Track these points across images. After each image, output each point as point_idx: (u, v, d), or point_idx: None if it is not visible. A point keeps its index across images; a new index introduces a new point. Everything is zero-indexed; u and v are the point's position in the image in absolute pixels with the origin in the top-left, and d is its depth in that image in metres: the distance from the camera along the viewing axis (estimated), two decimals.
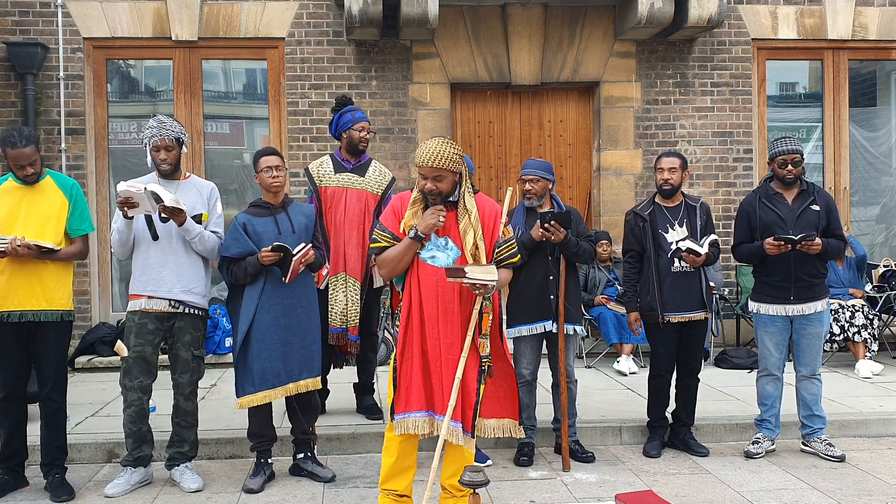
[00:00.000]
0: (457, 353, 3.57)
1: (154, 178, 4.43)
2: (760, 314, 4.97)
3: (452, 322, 3.59)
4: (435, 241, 3.63)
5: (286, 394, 4.40)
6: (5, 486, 4.34)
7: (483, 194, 3.81)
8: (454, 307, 3.59)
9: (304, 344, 4.41)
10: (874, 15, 8.32)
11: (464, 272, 3.43)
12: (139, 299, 4.39)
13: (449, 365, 3.57)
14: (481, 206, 3.70)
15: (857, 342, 6.97)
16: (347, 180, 5.27)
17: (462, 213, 3.64)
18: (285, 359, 4.37)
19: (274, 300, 4.36)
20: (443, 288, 3.58)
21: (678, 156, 5.00)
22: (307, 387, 4.44)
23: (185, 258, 4.39)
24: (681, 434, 5.11)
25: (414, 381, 3.60)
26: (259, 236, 4.37)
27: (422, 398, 3.59)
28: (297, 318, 4.40)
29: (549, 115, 8.33)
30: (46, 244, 4.18)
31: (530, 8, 7.94)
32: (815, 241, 4.69)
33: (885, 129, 8.80)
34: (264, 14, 7.78)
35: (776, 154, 4.83)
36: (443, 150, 3.51)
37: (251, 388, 4.36)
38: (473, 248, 3.60)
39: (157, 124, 4.37)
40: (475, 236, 3.61)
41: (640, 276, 5.04)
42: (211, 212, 4.51)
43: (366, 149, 5.40)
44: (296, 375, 4.40)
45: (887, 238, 8.86)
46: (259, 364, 4.34)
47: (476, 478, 3.40)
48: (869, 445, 5.25)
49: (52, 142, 7.61)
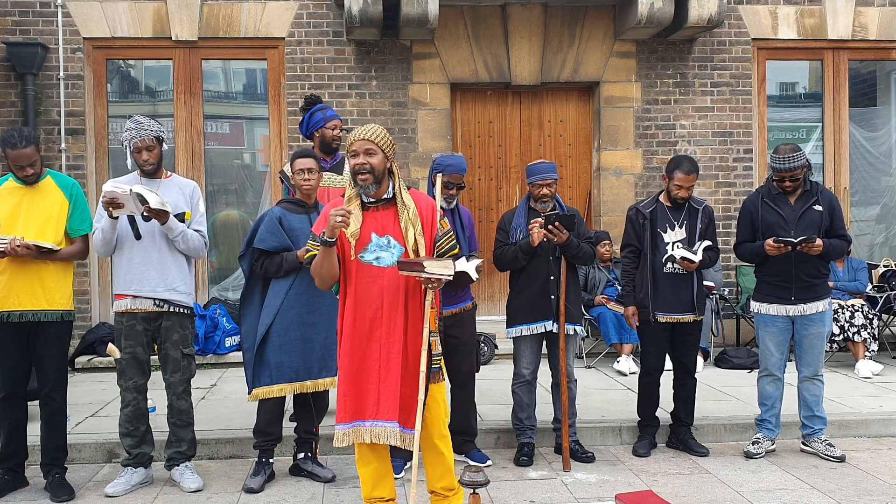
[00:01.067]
0: (399, 353, 3.50)
1: (136, 178, 4.42)
2: (762, 314, 4.96)
3: (396, 322, 3.52)
4: (377, 242, 3.56)
5: (302, 390, 4.41)
6: (5, 486, 4.33)
7: (416, 189, 3.78)
8: (398, 306, 3.53)
9: (325, 342, 4.41)
10: (874, 15, 8.32)
11: (422, 266, 3.36)
12: (124, 299, 4.38)
13: (392, 366, 3.50)
14: (417, 201, 3.65)
15: (857, 342, 6.97)
16: (328, 179, 5.29)
17: (401, 209, 3.58)
18: (305, 355, 4.38)
19: (301, 296, 4.37)
20: (388, 288, 3.52)
21: (696, 170, 4.93)
22: (324, 385, 4.45)
23: (169, 257, 4.39)
24: (680, 434, 5.11)
25: (347, 394, 3.55)
26: (294, 232, 4.38)
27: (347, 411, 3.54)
28: (321, 316, 4.40)
29: (549, 115, 8.33)
30: (46, 244, 4.18)
31: (530, 8, 7.94)
32: (816, 243, 4.68)
33: (885, 129, 8.80)
34: (264, 14, 7.78)
35: (775, 170, 4.75)
36: (375, 128, 3.54)
37: (267, 380, 4.36)
38: (414, 244, 3.54)
39: (135, 126, 4.35)
40: (415, 232, 3.56)
41: (637, 272, 5.05)
42: (194, 210, 4.51)
43: (339, 147, 5.39)
44: (315, 373, 4.42)
45: (887, 238, 8.86)
46: (278, 357, 4.35)
47: (476, 478, 3.41)
48: (869, 445, 5.25)
49: (52, 142, 7.61)
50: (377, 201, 3.60)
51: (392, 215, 3.59)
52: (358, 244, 3.54)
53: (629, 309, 5.05)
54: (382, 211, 3.60)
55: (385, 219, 3.59)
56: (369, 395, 3.53)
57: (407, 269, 3.41)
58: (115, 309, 4.44)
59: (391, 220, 3.59)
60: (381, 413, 3.49)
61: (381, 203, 3.60)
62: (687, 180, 4.89)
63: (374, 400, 3.52)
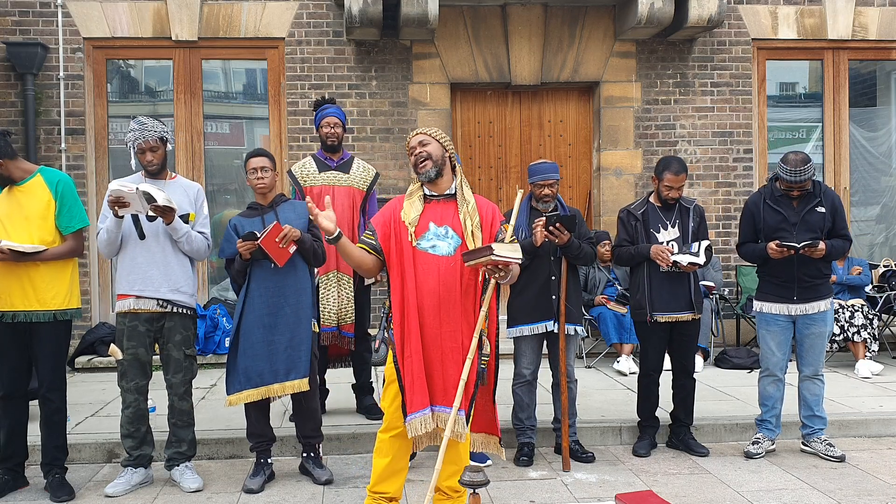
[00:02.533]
0: (458, 341, 3.54)
1: (141, 178, 4.41)
2: (763, 313, 4.96)
3: (454, 311, 3.55)
4: (434, 231, 3.60)
5: (270, 394, 4.37)
6: (5, 486, 4.33)
7: (480, 195, 3.82)
8: (455, 296, 3.55)
9: (290, 344, 4.36)
10: (874, 15, 8.32)
11: (491, 250, 3.34)
12: (127, 299, 4.37)
13: (451, 355, 3.55)
14: (479, 203, 3.72)
15: (857, 342, 6.97)
16: (333, 178, 5.30)
17: (461, 202, 3.66)
18: (270, 359, 4.34)
19: (259, 299, 4.35)
20: (445, 277, 3.55)
21: (685, 170, 4.93)
22: (294, 388, 4.37)
23: (173, 258, 4.38)
24: (681, 434, 5.11)
25: (416, 380, 3.55)
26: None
27: (425, 395, 3.55)
28: (284, 318, 4.36)
29: (549, 115, 8.33)
30: (22, 247, 4.11)
31: (530, 8, 7.94)
32: (819, 247, 4.69)
33: (885, 129, 8.80)
34: (264, 14, 7.78)
35: (784, 181, 4.69)
36: (427, 127, 3.72)
37: (238, 387, 4.37)
38: (472, 236, 3.57)
39: (138, 126, 4.34)
40: (472, 225, 3.60)
41: (633, 272, 5.07)
42: (198, 212, 4.50)
43: (335, 144, 5.38)
44: (282, 376, 4.35)
45: (887, 238, 8.86)
46: (244, 362, 4.35)
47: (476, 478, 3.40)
48: (869, 445, 5.26)
49: (52, 142, 7.61)
50: (439, 195, 3.67)
51: (452, 209, 3.66)
52: (416, 232, 3.59)
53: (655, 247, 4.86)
54: (444, 204, 3.67)
55: (445, 211, 3.65)
56: (437, 384, 3.56)
57: (473, 257, 3.39)
58: (118, 309, 4.42)
59: (451, 213, 3.64)
60: (448, 400, 3.51)
61: (442, 197, 3.67)
62: (676, 181, 4.89)
63: (441, 388, 3.55)
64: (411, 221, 3.60)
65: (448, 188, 3.69)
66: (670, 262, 4.81)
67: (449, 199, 3.68)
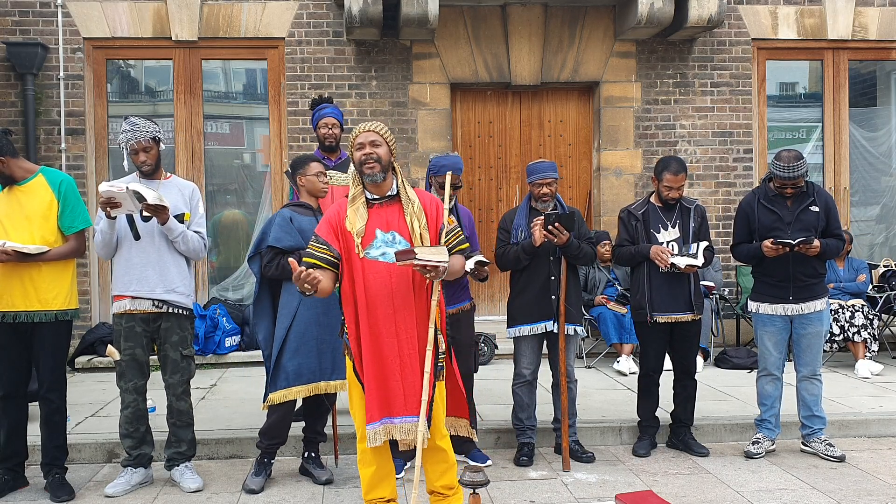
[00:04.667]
0: (415, 347, 3.51)
1: (136, 178, 4.41)
2: (759, 314, 4.96)
3: (408, 318, 3.52)
4: (382, 238, 3.54)
5: (316, 391, 4.37)
6: (5, 486, 4.33)
7: (420, 188, 3.79)
8: (409, 302, 3.52)
9: (337, 344, 4.39)
10: (874, 15, 8.32)
11: (413, 253, 3.35)
12: (123, 300, 4.36)
13: (409, 361, 3.51)
14: (422, 198, 3.66)
15: (857, 342, 6.97)
16: (332, 178, 5.30)
17: (406, 203, 3.60)
18: (320, 356, 4.37)
19: (318, 298, 4.35)
20: (396, 283, 3.51)
21: (685, 169, 4.93)
22: (336, 388, 4.41)
23: (169, 258, 4.37)
24: (681, 434, 5.11)
25: (374, 390, 3.52)
26: (305, 232, 4.36)
27: (382, 407, 3.52)
28: (335, 318, 4.37)
29: (549, 115, 8.33)
30: (26, 248, 4.11)
31: (530, 8, 7.94)
32: (814, 244, 4.69)
33: (885, 129, 8.80)
34: (264, 14, 7.78)
35: (778, 178, 4.70)
36: (377, 123, 3.64)
37: (284, 384, 4.33)
38: (419, 238, 3.54)
39: (130, 127, 4.32)
40: (420, 226, 3.56)
41: (633, 272, 5.06)
42: (193, 212, 4.50)
43: (333, 144, 5.38)
44: (328, 374, 4.39)
45: (887, 238, 8.86)
46: (296, 360, 4.32)
47: (476, 478, 3.40)
48: (869, 445, 5.26)
49: (52, 142, 7.61)
50: (381, 198, 3.61)
51: (397, 211, 3.60)
52: (363, 242, 3.53)
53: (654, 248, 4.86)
54: (387, 207, 3.60)
55: (390, 215, 3.59)
56: (395, 392, 3.52)
57: (402, 258, 3.38)
58: (114, 310, 4.42)
59: (396, 216, 3.59)
60: (410, 409, 3.49)
61: (385, 200, 3.61)
62: (676, 181, 4.89)
63: (400, 396, 3.51)
64: (358, 232, 3.52)
65: (390, 189, 3.62)
66: (668, 263, 4.81)
67: (392, 202, 3.62)
